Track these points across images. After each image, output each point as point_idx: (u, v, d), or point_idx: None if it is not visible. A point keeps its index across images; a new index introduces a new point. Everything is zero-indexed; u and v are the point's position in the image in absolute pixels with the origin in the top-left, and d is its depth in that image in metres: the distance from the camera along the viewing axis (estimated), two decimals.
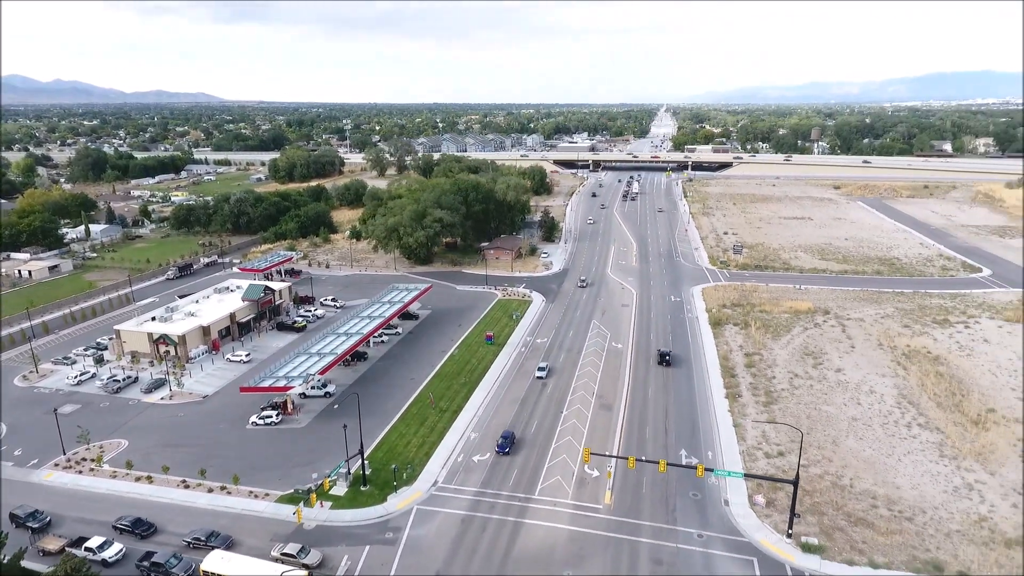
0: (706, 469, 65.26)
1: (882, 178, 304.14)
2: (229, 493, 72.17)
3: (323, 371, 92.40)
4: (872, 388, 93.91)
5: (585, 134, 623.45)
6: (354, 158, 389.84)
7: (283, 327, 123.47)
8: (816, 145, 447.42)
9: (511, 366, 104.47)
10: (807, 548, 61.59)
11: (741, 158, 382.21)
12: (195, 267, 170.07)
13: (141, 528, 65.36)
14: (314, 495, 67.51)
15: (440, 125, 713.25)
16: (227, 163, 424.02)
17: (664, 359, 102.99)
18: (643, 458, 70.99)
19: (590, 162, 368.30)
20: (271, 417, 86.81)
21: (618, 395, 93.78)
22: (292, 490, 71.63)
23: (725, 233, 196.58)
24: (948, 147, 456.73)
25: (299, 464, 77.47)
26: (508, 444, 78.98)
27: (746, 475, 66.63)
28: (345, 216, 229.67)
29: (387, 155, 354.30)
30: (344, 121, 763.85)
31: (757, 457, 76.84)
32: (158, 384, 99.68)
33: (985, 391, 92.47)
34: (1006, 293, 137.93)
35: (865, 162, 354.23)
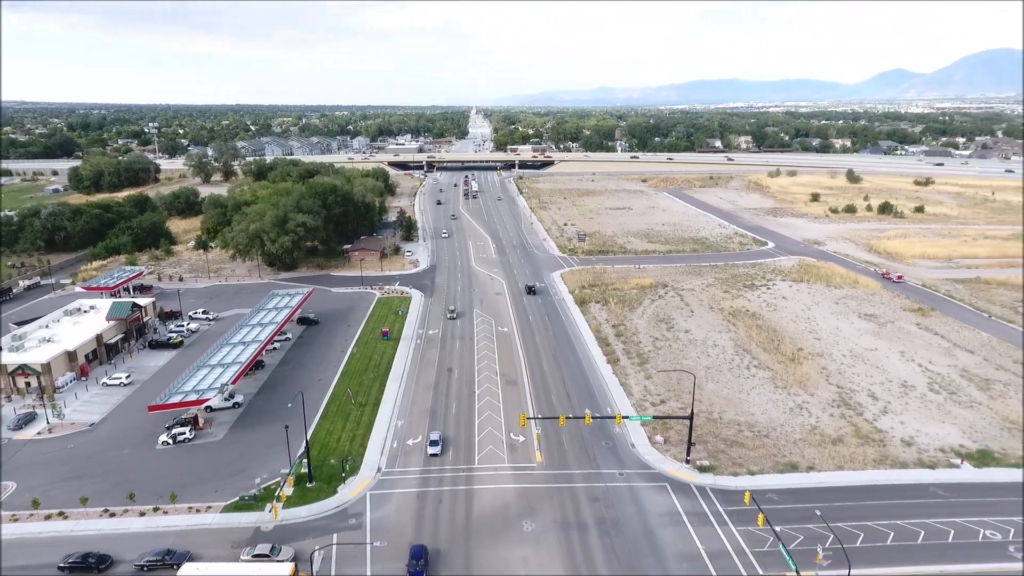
0: (623, 417, 76.04)
1: (677, 172, 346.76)
2: (165, 513, 68.85)
3: (234, 381, 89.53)
4: (715, 342, 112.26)
5: (409, 136, 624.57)
6: (169, 164, 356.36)
7: (157, 345, 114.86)
8: (618, 144, 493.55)
9: (413, 357, 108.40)
10: (702, 469, 74.90)
11: (565, 157, 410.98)
12: (14, 291, 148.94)
13: (93, 561, 60.62)
14: (283, 492, 67.50)
15: (253, 128, 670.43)
16: (8, 173, 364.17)
17: (530, 290, 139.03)
18: (571, 415, 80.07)
19: (424, 163, 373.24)
20: (184, 434, 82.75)
21: (518, 372, 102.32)
22: (238, 498, 70.47)
23: (565, 224, 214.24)
24: (719, 143, 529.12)
25: (231, 475, 75.62)
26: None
27: (654, 417, 78.59)
28: (179, 227, 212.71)
29: (211, 160, 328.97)
30: (151, 124, 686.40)
31: (645, 407, 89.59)
32: (28, 419, 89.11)
33: (792, 335, 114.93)
34: (788, 260, 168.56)
35: (669, 159, 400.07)
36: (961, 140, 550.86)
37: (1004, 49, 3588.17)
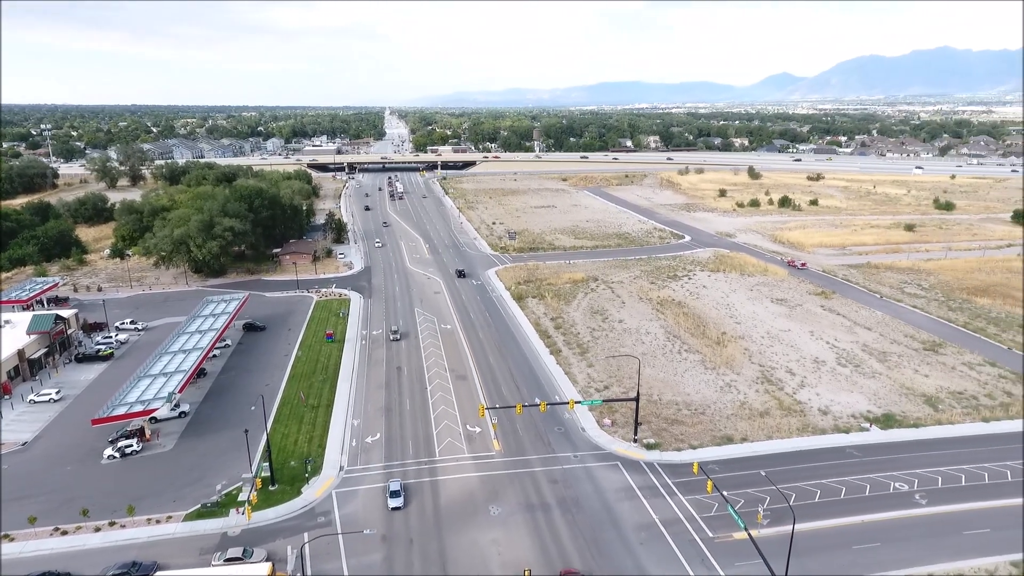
0: (576, 402, 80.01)
1: (595, 171, 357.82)
2: (123, 527, 66.45)
3: (180, 389, 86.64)
4: (647, 330, 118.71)
5: (324, 137, 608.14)
6: (67, 169, 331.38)
7: (85, 358, 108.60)
8: (536, 144, 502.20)
9: (360, 357, 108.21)
10: (649, 447, 80.00)
11: (487, 157, 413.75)
12: None
13: None
14: (253, 495, 66.59)
15: (155, 129, 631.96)
16: None
17: (460, 274, 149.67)
18: (527, 404, 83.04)
19: (344, 165, 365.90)
20: (132, 446, 79.57)
21: (466, 366, 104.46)
22: (199, 505, 68.97)
23: (494, 223, 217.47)
24: (629, 143, 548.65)
25: (188, 484, 73.65)
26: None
27: (604, 400, 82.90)
28: (88, 235, 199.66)
29: (116, 164, 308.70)
30: (41, 126, 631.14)
31: (590, 393, 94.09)
32: None
33: (715, 321, 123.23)
34: (705, 252, 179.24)
35: (583, 157, 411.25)
36: (843, 139, 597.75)
37: (871, 56, 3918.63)
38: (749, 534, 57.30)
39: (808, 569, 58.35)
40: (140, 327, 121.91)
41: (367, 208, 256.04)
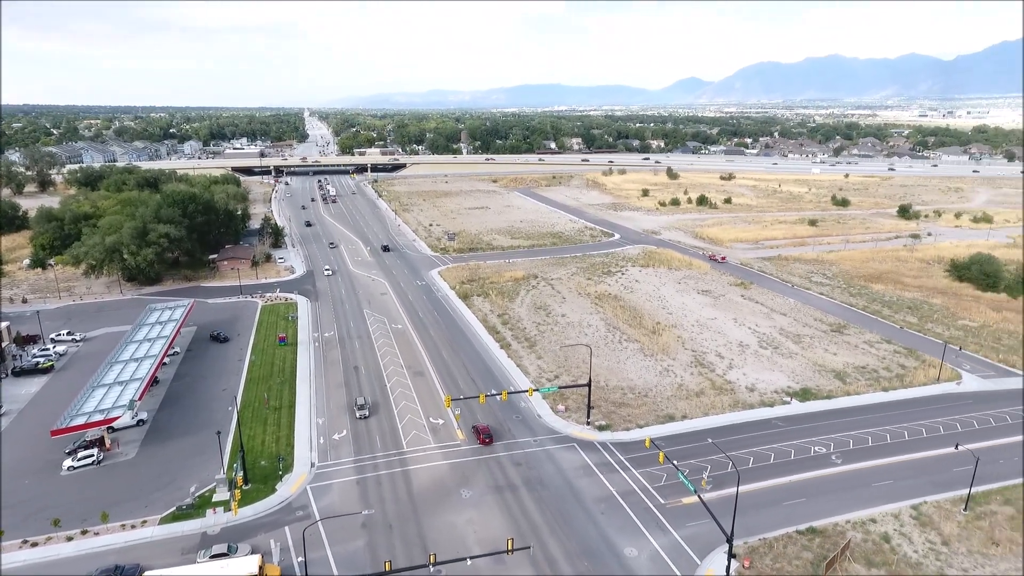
0: (534, 390, 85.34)
1: (525, 172, 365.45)
2: (96, 534, 66.15)
3: (140, 396, 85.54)
4: (589, 323, 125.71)
5: (244, 139, 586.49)
6: None
7: (23, 372, 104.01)
8: (463, 146, 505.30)
9: (316, 359, 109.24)
10: (601, 428, 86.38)
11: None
12: None
13: None
14: (237, 490, 67.67)
15: (56, 132, 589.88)
16: None
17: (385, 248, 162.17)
18: (490, 393, 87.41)
19: (271, 168, 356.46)
20: (92, 456, 78.28)
21: (422, 363, 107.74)
22: (174, 508, 69.40)
23: (431, 225, 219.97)
24: (553, 145, 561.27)
25: (158, 488, 73.63)
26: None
27: (559, 388, 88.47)
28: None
29: (22, 168, 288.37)
30: None
31: (543, 382, 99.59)
32: None
33: (649, 312, 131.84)
34: (634, 248, 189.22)
35: (540, 159, 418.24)
36: (749, 140, 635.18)
37: (770, 62, 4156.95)
38: (700, 497, 64.24)
39: (748, 524, 66.00)
40: (78, 338, 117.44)
41: (306, 218, 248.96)
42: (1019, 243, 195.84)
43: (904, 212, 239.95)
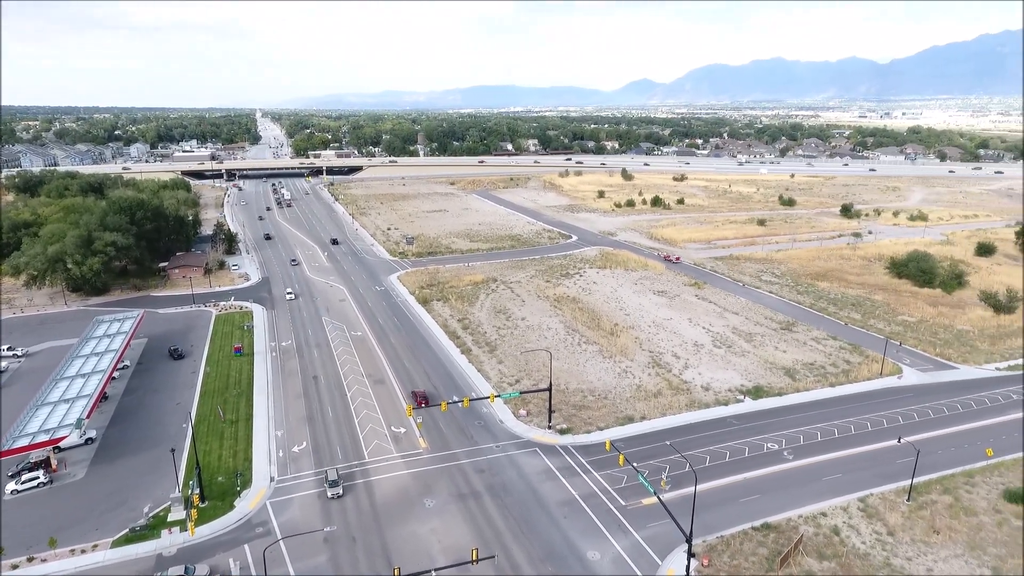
0: (496, 396, 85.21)
1: (483, 174, 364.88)
2: (44, 560, 63.17)
3: (88, 414, 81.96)
4: (548, 326, 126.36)
5: (195, 142, 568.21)
6: None
7: None
8: (420, 148, 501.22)
9: (273, 369, 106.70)
10: (562, 432, 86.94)
11: (396, 160, 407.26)
12: None
13: None
14: (194, 509, 65.37)
15: None
16: None
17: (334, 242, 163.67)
18: (450, 400, 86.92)
19: (223, 171, 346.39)
20: (38, 478, 74.66)
21: (383, 370, 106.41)
22: (127, 530, 66.76)
23: (389, 228, 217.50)
24: (510, 146, 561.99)
25: (109, 510, 70.74)
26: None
27: (520, 393, 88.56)
28: None
29: None
30: None
31: (504, 387, 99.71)
32: None
33: (607, 314, 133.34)
34: (591, 250, 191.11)
35: (480, 162, 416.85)
36: (700, 141, 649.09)
37: (719, 64, 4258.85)
38: (659, 498, 65.27)
39: (706, 523, 67.43)
40: (20, 353, 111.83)
41: (260, 218, 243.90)
42: (952, 240, 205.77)
43: (846, 211, 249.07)
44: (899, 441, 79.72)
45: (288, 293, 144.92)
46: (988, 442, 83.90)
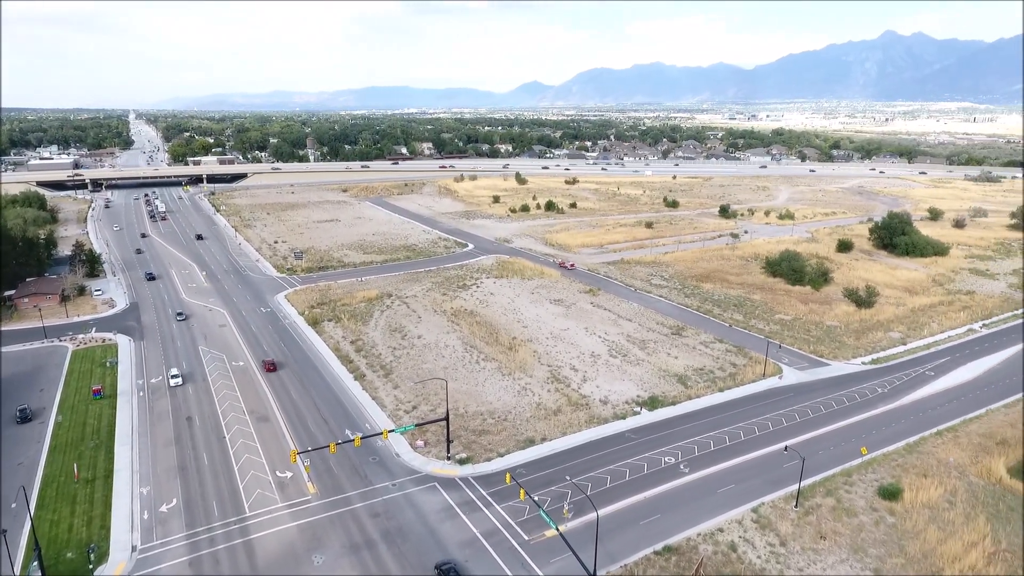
0: (389, 431, 78.89)
1: (375, 179, 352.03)
2: None
3: None
4: (446, 343, 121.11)
5: (55, 147, 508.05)
6: None
7: None
8: (311, 152, 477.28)
9: (140, 412, 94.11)
10: (461, 462, 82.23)
11: (280, 168, 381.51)
12: None
13: None
14: None
15: None
16: None
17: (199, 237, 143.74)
18: (339, 441, 79.55)
19: (87, 181, 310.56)
20: None
21: (267, 406, 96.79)
22: None
23: (276, 242, 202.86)
24: (405, 150, 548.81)
25: None
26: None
27: (416, 425, 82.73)
28: None
29: None
30: None
31: (400, 416, 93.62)
32: None
33: (505, 327, 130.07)
34: (488, 258, 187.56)
35: (364, 167, 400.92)
36: (589, 143, 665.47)
37: (603, 68, 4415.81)
38: (559, 531, 62.23)
39: (610, 550, 65.22)
40: None
41: (143, 235, 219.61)
42: (816, 237, 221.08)
43: (724, 212, 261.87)
44: (785, 450, 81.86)
45: (173, 375, 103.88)
46: (861, 438, 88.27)
